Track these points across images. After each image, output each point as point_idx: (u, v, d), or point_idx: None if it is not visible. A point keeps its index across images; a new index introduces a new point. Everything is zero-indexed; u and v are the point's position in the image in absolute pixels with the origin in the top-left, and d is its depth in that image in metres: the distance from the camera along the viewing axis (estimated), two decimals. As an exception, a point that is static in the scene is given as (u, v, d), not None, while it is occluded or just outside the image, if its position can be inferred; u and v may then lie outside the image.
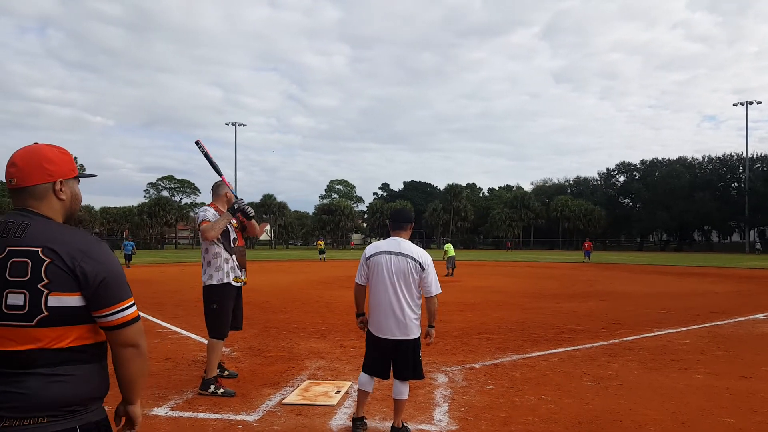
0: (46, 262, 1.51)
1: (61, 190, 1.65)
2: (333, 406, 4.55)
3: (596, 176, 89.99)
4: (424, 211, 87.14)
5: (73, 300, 1.52)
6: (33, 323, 1.49)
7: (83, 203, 1.87)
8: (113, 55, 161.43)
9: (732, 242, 75.79)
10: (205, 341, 5.66)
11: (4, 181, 1.62)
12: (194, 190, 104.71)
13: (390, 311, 3.74)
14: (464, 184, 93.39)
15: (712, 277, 21.21)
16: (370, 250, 3.91)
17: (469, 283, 17.90)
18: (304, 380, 5.38)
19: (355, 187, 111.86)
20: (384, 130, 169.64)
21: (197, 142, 5.18)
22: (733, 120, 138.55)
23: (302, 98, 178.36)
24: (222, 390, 4.80)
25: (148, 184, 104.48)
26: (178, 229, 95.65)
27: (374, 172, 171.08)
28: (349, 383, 5.22)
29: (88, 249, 1.56)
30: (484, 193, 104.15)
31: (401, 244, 3.85)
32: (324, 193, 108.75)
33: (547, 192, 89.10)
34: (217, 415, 4.31)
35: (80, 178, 1.76)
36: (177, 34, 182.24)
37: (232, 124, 60.44)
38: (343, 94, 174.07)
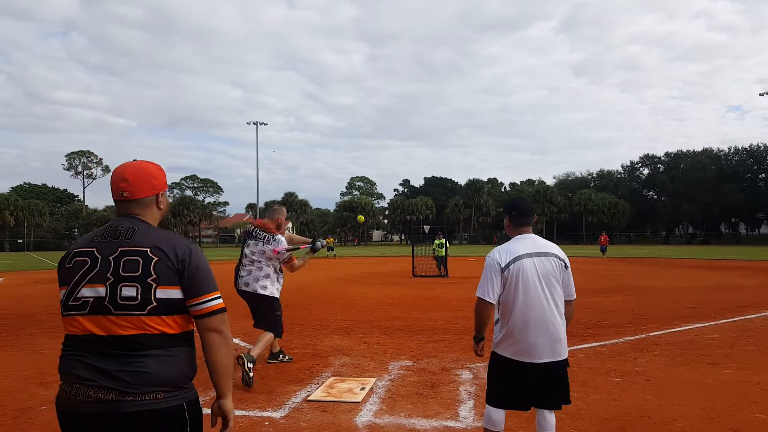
0: (154, 260, 1.77)
1: (160, 200, 1.97)
2: (358, 402, 4.58)
3: (620, 169, 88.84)
4: (445, 207, 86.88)
5: (176, 292, 1.78)
6: (145, 312, 1.73)
7: (109, 203, 2.06)
8: (134, 57, 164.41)
9: (760, 234, 74.00)
10: (236, 340, 7.10)
11: (114, 192, 1.92)
12: (217, 189, 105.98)
13: (544, 328, 2.97)
14: (485, 180, 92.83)
15: (740, 270, 20.72)
16: (502, 256, 3.06)
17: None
18: (329, 377, 5.43)
19: (375, 183, 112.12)
20: (402, 126, 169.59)
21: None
22: (759, 110, 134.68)
23: (320, 97, 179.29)
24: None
25: (172, 183, 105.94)
26: (202, 227, 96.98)
27: (394, 169, 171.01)
28: (374, 380, 5.26)
29: (187, 249, 1.84)
30: (505, 187, 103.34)
31: (537, 241, 3.15)
32: (345, 190, 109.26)
33: (569, 186, 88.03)
34: (243, 412, 4.38)
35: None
36: (196, 35, 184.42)
37: (254, 123, 61.02)
38: (361, 92, 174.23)
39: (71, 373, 1.74)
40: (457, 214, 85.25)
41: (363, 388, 4.96)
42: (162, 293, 1.75)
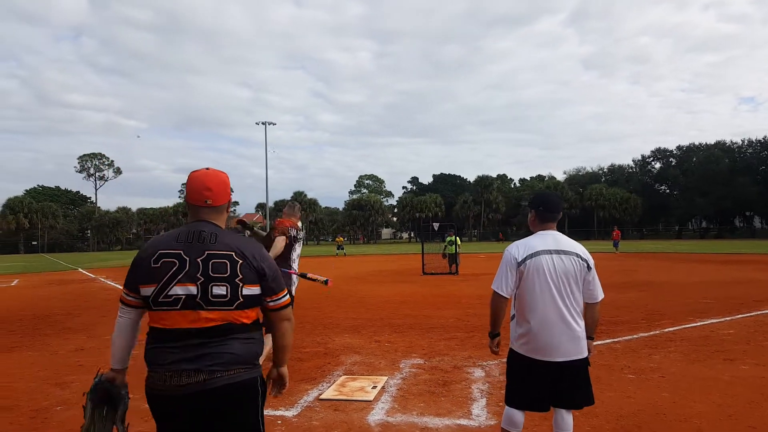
0: (239, 263, 2.04)
1: (228, 207, 2.24)
2: (370, 401, 4.57)
3: (631, 163, 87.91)
4: (454, 203, 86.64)
5: (256, 290, 2.08)
6: (233, 307, 2.03)
7: (121, 205, 2.16)
8: (144, 59, 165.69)
9: (776, 228, 72.93)
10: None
11: (198, 200, 2.14)
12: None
13: (561, 325, 2.92)
14: (495, 176, 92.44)
15: (755, 265, 20.45)
16: (519, 250, 3.01)
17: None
18: (340, 375, 5.43)
19: (384, 181, 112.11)
20: (410, 124, 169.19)
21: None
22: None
23: (328, 95, 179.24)
24: None
25: (182, 184, 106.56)
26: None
27: (402, 167, 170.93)
28: (385, 378, 5.24)
29: (262, 253, 2.14)
30: (515, 183, 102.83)
31: (559, 238, 3.06)
32: (353, 188, 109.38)
33: (580, 181, 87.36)
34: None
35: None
36: (205, 35, 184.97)
37: (262, 123, 61.22)
38: (369, 89, 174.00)
39: (162, 362, 2.01)
40: (467, 211, 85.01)
41: (375, 387, 4.95)
42: (247, 291, 2.05)
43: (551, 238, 3.04)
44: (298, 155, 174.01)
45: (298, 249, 5.90)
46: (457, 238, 19.69)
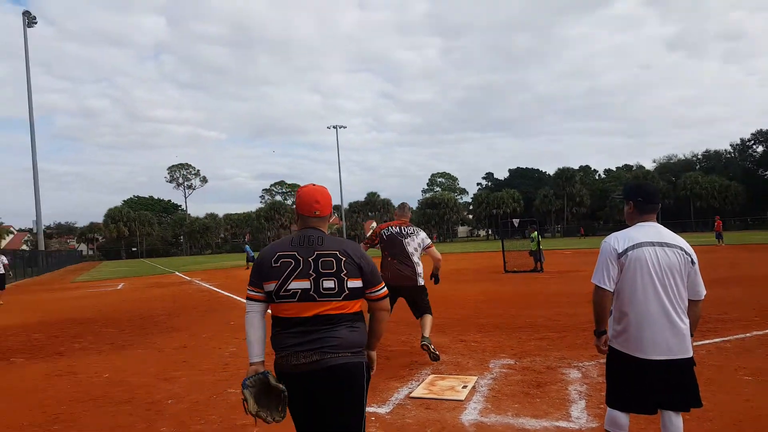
0: (343, 260, 2.41)
1: (331, 216, 2.66)
2: (461, 401, 4.51)
3: (729, 148, 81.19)
4: (533, 198, 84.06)
5: (359, 283, 2.44)
6: (340, 298, 2.39)
7: (208, 211, 2.44)
8: (220, 73, 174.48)
9: None
10: None
11: (308, 210, 2.55)
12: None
13: (664, 321, 2.77)
14: (576, 167, 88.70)
15: None
16: (619, 242, 2.87)
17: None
18: (428, 374, 5.40)
19: (457, 179, 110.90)
20: (483, 118, 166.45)
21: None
22: None
23: (396, 95, 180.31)
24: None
25: (263, 190, 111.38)
26: (292, 230, 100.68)
27: (476, 163, 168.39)
28: (475, 378, 5.16)
29: (361, 252, 2.50)
30: (600, 175, 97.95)
31: (661, 230, 2.89)
32: (426, 187, 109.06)
33: (672, 169, 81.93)
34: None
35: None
36: (276, 46, 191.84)
37: (333, 127, 62.65)
38: (438, 86, 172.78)
39: (284, 346, 2.39)
40: (548, 206, 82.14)
41: (465, 387, 4.88)
42: (351, 284, 2.41)
43: (653, 230, 2.87)
44: (368, 157, 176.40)
45: (411, 242, 6.16)
46: (537, 233, 19.05)
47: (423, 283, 6.18)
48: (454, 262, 26.05)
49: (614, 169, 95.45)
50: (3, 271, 16.95)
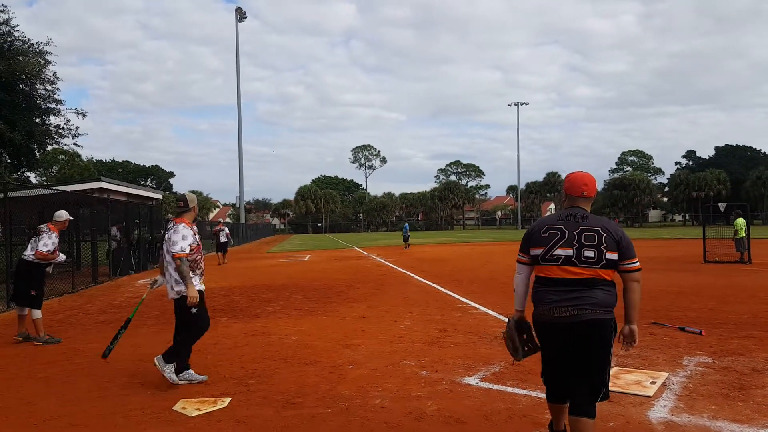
0: (604, 236, 2.89)
1: (594, 199, 3.14)
2: (649, 396, 4.14)
3: None
4: (743, 180, 72.45)
5: (615, 256, 2.90)
6: (599, 266, 2.88)
7: (386, 190, 2.63)
8: (403, 55, 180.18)
9: None
10: (504, 318, 6.71)
11: (577, 190, 3.08)
12: (479, 173, 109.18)
13: None
14: (802, 143, 73.81)
15: None
16: None
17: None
18: (613, 367, 5.02)
19: (652, 157, 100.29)
20: (685, 90, 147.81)
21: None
22: None
23: (585, 67, 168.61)
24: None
25: (438, 170, 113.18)
26: (465, 210, 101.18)
27: (675, 139, 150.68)
28: (666, 374, 4.68)
29: (617, 228, 2.94)
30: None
31: None
32: (615, 166, 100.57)
33: None
34: (525, 392, 4.38)
35: None
36: (458, 24, 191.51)
37: (515, 104, 60.78)
38: (633, 56, 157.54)
39: (546, 301, 2.96)
40: (761, 189, 70.04)
41: (654, 382, 4.46)
42: (609, 256, 2.88)
43: None
44: (550, 134, 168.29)
45: None
46: (744, 220, 16.39)
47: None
48: (644, 249, 23.67)
49: None
50: (226, 240, 21.84)
